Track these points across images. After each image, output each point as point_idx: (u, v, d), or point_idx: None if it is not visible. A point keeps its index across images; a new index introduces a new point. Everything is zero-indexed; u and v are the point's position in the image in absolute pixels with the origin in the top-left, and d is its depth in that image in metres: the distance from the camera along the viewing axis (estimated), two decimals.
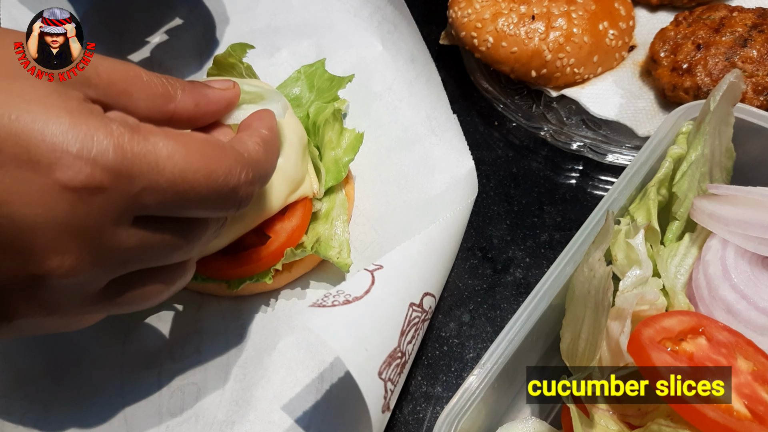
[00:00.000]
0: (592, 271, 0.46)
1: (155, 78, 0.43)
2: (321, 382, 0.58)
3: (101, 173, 0.36)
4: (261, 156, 0.45)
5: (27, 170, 0.34)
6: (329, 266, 0.66)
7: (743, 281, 0.53)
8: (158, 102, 0.43)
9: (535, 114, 0.77)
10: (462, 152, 0.70)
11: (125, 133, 0.37)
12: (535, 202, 0.73)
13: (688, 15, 0.77)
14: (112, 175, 0.36)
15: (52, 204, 0.35)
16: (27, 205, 0.34)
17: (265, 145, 0.46)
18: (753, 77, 0.69)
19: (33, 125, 0.34)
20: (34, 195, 0.34)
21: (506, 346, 0.48)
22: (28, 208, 0.34)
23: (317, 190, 0.63)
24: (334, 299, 0.48)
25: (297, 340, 0.60)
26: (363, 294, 0.49)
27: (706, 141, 0.57)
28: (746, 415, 0.43)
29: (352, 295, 0.49)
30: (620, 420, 0.48)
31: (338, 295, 0.49)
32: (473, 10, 0.77)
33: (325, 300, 0.48)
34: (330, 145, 0.65)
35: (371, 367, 0.48)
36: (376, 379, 0.48)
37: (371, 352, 0.48)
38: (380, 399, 0.49)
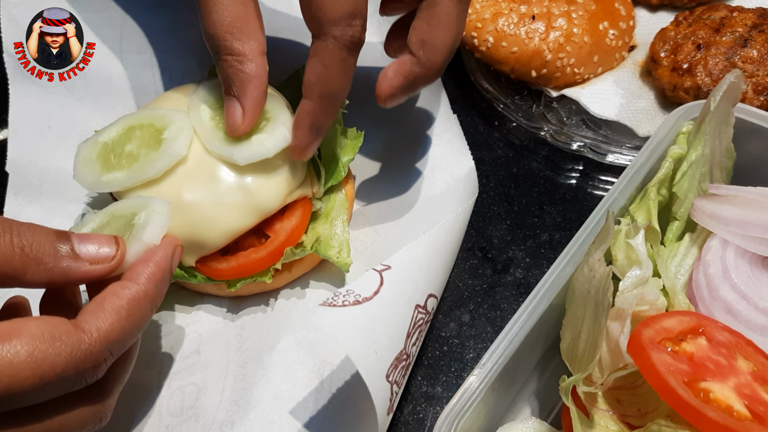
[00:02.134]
0: (592, 271, 0.46)
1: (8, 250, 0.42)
2: (321, 382, 0.58)
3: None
4: (115, 331, 0.44)
5: None
6: (329, 266, 0.66)
7: (743, 281, 0.53)
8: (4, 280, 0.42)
9: (535, 114, 0.77)
10: (462, 152, 0.70)
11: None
12: (535, 202, 0.73)
13: (688, 15, 0.77)
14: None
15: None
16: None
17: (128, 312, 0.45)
18: (753, 77, 0.69)
19: None
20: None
21: (506, 346, 0.48)
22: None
23: (317, 189, 0.63)
24: (345, 299, 0.48)
25: (297, 340, 0.60)
26: (372, 295, 0.49)
27: (706, 141, 0.57)
28: (746, 415, 0.43)
29: (362, 295, 0.49)
30: (620, 420, 0.48)
31: (348, 294, 0.48)
32: (473, 10, 0.77)
33: (335, 299, 0.48)
34: (329, 145, 0.65)
35: (380, 369, 0.48)
36: (383, 381, 0.48)
37: (380, 354, 0.48)
38: (386, 401, 0.49)
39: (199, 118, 0.59)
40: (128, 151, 0.58)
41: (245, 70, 0.54)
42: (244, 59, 0.54)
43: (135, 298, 0.45)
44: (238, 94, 0.55)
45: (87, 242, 0.46)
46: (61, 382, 0.41)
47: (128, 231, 0.51)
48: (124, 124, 0.60)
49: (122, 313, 0.44)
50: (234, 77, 0.55)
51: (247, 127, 0.56)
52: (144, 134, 0.59)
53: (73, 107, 0.74)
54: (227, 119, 0.56)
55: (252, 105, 0.55)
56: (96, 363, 0.43)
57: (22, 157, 0.71)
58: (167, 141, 0.57)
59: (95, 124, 0.70)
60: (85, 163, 0.59)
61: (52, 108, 0.74)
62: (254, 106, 0.56)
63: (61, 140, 0.72)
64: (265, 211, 0.58)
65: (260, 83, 0.55)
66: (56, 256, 0.44)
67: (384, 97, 0.58)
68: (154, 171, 0.56)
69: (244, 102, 0.55)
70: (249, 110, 0.55)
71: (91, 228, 0.55)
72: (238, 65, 0.54)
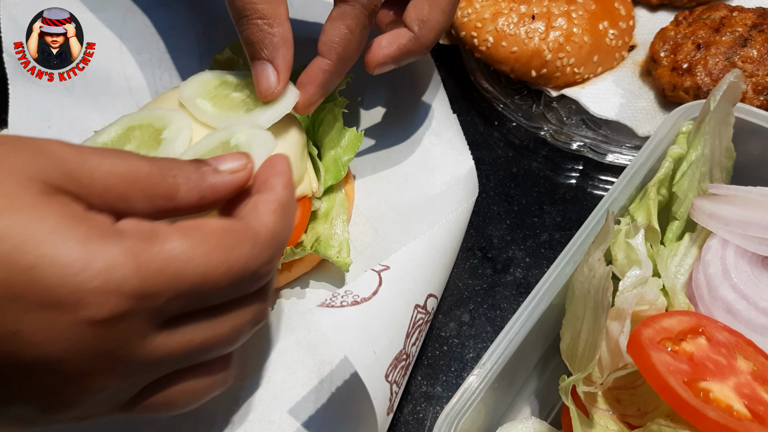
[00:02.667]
0: (592, 271, 0.46)
1: (156, 175, 0.41)
2: (321, 382, 0.58)
3: (126, 301, 0.36)
4: (278, 228, 0.44)
5: (52, 312, 0.34)
6: (329, 266, 0.66)
7: (743, 281, 0.53)
8: (158, 203, 0.41)
9: (535, 114, 0.77)
10: (462, 152, 0.70)
11: (142, 250, 0.36)
12: (535, 202, 0.73)
13: (688, 15, 0.77)
14: (136, 299, 0.36)
15: (79, 338, 0.35)
16: (55, 342, 0.35)
17: (283, 213, 0.44)
18: (753, 77, 0.69)
19: (50, 270, 0.34)
20: (61, 333, 0.35)
21: (506, 346, 0.48)
22: (57, 344, 0.35)
23: (316, 188, 0.63)
24: (343, 299, 0.48)
25: (297, 340, 0.60)
26: (371, 295, 0.49)
27: (706, 141, 0.57)
28: (746, 415, 0.43)
29: (360, 296, 0.49)
30: (620, 420, 0.48)
31: (347, 295, 0.48)
32: (473, 9, 0.77)
33: (333, 300, 0.48)
34: (329, 144, 0.65)
35: (378, 369, 0.48)
36: (383, 381, 0.48)
37: (379, 354, 0.48)
38: (386, 401, 0.49)
39: (202, 112, 0.59)
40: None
41: (276, 33, 0.56)
42: (274, 22, 0.56)
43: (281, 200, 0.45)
44: (271, 56, 0.56)
45: (219, 159, 0.46)
46: (244, 275, 0.41)
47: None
48: (123, 125, 0.60)
49: (279, 213, 0.44)
50: (266, 41, 0.56)
51: (281, 90, 0.57)
52: (143, 134, 0.59)
53: (73, 107, 0.74)
54: (261, 84, 0.57)
55: (285, 67, 0.57)
56: (271, 257, 0.43)
57: None
58: (166, 141, 0.57)
59: (95, 124, 0.70)
60: None
61: (52, 108, 0.74)
62: (287, 68, 0.57)
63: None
64: None
65: (290, 46, 0.57)
66: (200, 173, 0.43)
67: (375, 64, 0.61)
68: None
69: (278, 64, 0.57)
70: (283, 72, 0.57)
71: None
72: (269, 28, 0.56)
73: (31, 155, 0.37)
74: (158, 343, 0.39)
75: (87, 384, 0.37)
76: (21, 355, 0.35)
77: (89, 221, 0.37)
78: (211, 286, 0.39)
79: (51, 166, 0.37)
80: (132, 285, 0.36)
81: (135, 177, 0.40)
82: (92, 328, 0.35)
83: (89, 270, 0.35)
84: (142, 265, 0.36)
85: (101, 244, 0.35)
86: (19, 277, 0.34)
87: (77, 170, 0.38)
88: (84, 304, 0.35)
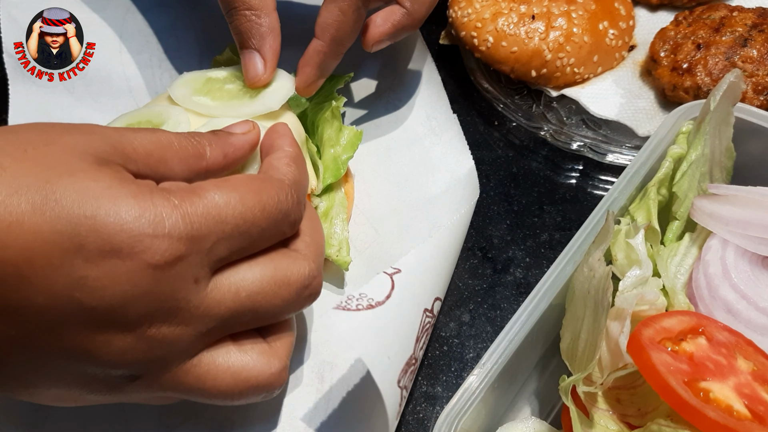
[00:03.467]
0: (592, 271, 0.46)
1: (185, 140, 0.47)
2: (321, 382, 0.58)
3: (177, 244, 0.40)
4: (296, 175, 0.49)
5: (112, 258, 0.38)
6: (328, 264, 0.65)
7: (743, 281, 0.53)
8: (192, 163, 0.47)
9: (535, 114, 0.77)
10: (462, 152, 0.69)
11: (185, 200, 0.41)
12: (535, 202, 0.73)
13: (688, 15, 0.77)
14: (187, 242, 0.40)
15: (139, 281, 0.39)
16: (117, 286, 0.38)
17: (295, 162, 0.50)
18: (753, 77, 0.69)
19: (108, 218, 0.38)
20: (122, 277, 0.38)
21: (506, 346, 0.48)
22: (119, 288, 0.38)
23: (315, 186, 0.63)
24: (358, 303, 0.48)
25: (297, 340, 0.60)
26: (385, 299, 0.49)
27: (706, 141, 0.57)
28: (746, 415, 0.43)
29: (374, 299, 0.49)
30: (620, 420, 0.48)
31: (361, 298, 0.48)
32: (473, 9, 0.77)
33: (349, 303, 0.48)
34: (329, 143, 0.65)
35: (391, 375, 0.48)
36: (395, 387, 0.48)
37: (392, 360, 0.48)
38: (396, 407, 0.49)
39: (203, 106, 0.59)
40: None
41: (263, 23, 0.60)
42: (261, 13, 0.59)
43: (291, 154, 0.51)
44: (258, 46, 0.60)
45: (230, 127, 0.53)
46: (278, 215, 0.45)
47: None
48: (122, 123, 0.60)
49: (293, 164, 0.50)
50: (253, 30, 0.60)
51: (268, 77, 0.61)
52: None
53: (73, 107, 0.74)
54: (248, 71, 0.61)
55: (272, 55, 0.61)
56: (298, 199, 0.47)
57: None
58: None
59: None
60: None
61: (52, 108, 0.74)
62: (273, 57, 0.61)
63: None
64: None
65: (277, 36, 0.61)
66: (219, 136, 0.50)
67: (372, 42, 0.64)
68: None
69: (265, 52, 0.60)
70: (269, 60, 0.61)
71: None
72: (257, 19, 0.59)
73: (80, 134, 0.42)
74: (212, 288, 0.42)
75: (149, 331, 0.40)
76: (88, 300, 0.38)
77: (138, 183, 0.41)
78: (250, 224, 0.43)
79: (99, 142, 0.42)
80: (181, 229, 0.40)
81: (168, 143, 0.45)
82: (150, 272, 0.39)
83: (143, 219, 0.39)
84: (187, 213, 0.40)
85: (151, 198, 0.40)
86: (80, 227, 0.37)
87: (119, 142, 0.43)
88: (140, 249, 0.38)
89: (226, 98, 0.61)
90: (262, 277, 0.44)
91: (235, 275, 0.44)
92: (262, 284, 0.44)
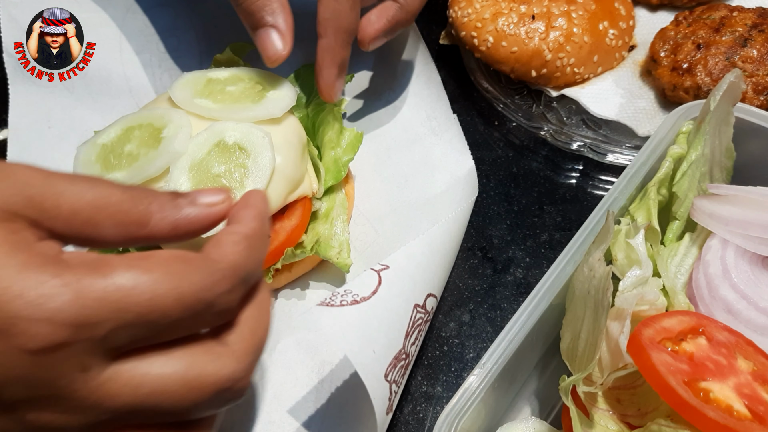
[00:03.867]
0: (592, 271, 0.46)
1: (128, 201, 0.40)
2: (321, 382, 0.58)
3: (60, 330, 0.34)
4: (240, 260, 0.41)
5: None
6: (329, 266, 0.66)
7: (743, 281, 0.53)
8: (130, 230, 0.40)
9: (535, 114, 0.77)
10: (462, 152, 0.70)
11: (83, 279, 0.35)
12: (535, 202, 0.73)
13: (688, 15, 0.77)
14: (72, 329, 0.35)
15: (12, 365, 0.34)
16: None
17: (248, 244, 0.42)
18: (753, 77, 0.69)
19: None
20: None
21: (506, 346, 0.48)
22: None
23: (317, 189, 0.63)
24: (342, 299, 0.48)
25: (297, 340, 0.60)
26: (370, 294, 0.49)
27: (706, 141, 0.57)
28: (746, 415, 0.43)
29: (359, 295, 0.49)
30: (620, 420, 0.48)
31: (346, 294, 0.49)
32: (473, 9, 0.77)
33: (333, 299, 0.48)
34: (329, 145, 0.65)
35: (378, 368, 0.48)
36: (382, 381, 0.48)
37: (378, 353, 0.48)
38: (385, 401, 0.49)
39: (205, 109, 0.59)
40: (128, 152, 0.58)
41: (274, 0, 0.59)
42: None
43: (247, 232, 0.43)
44: (274, 21, 0.59)
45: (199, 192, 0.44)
46: (198, 304, 0.38)
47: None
48: (123, 125, 0.60)
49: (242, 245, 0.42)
50: (266, 8, 0.59)
51: (287, 54, 0.60)
52: (143, 134, 0.59)
53: (73, 107, 0.74)
54: (267, 49, 0.60)
55: (288, 29, 0.60)
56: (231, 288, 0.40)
57: (22, 157, 0.71)
58: (166, 139, 0.57)
59: (95, 124, 0.70)
60: (84, 165, 0.59)
61: (52, 108, 0.74)
62: (290, 31, 0.60)
63: (61, 140, 0.72)
64: None
65: (289, 12, 0.60)
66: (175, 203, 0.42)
67: (369, 39, 0.64)
68: (154, 169, 0.56)
69: (281, 27, 0.60)
70: (286, 34, 0.60)
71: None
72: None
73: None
74: (106, 378, 0.37)
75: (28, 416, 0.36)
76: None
77: (32, 250, 0.36)
78: (159, 315, 0.37)
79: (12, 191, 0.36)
80: (68, 314, 0.34)
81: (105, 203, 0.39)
82: (28, 357, 0.34)
83: (23, 298, 0.34)
84: (80, 294, 0.35)
85: (39, 273, 0.35)
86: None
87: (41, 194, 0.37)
88: (15, 332, 0.34)
89: (228, 101, 0.61)
90: (170, 374, 0.38)
91: (137, 367, 0.37)
92: (169, 383, 0.38)
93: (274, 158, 0.58)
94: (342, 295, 0.48)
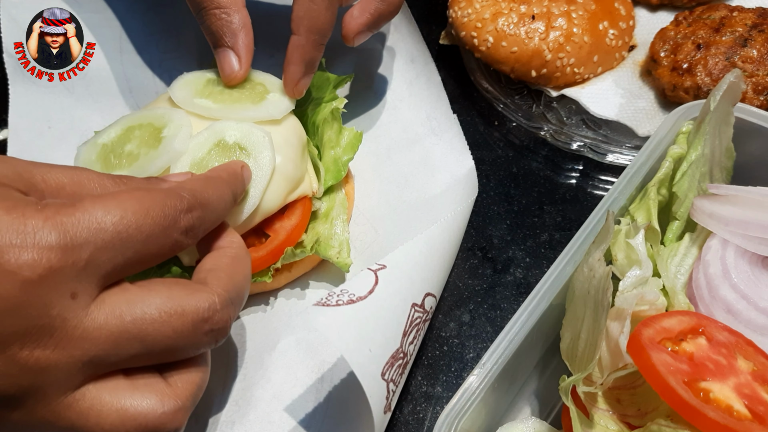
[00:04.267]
0: (592, 271, 0.46)
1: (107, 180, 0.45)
2: (321, 382, 0.58)
3: (48, 254, 0.37)
4: (198, 185, 0.47)
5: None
6: (329, 266, 0.66)
7: (743, 281, 0.53)
8: None
9: (535, 114, 0.77)
10: (462, 152, 0.70)
11: (60, 212, 0.39)
12: (535, 202, 0.73)
13: (688, 15, 0.77)
14: (59, 252, 0.38)
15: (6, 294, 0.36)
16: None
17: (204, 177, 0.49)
18: (753, 77, 0.69)
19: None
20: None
21: (506, 346, 0.48)
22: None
23: (317, 188, 0.63)
24: (338, 298, 0.48)
25: (297, 340, 0.60)
26: (367, 294, 0.49)
27: (706, 141, 0.57)
28: (746, 415, 0.43)
29: (356, 294, 0.49)
30: (620, 420, 0.48)
31: (342, 294, 0.49)
32: (473, 9, 0.77)
33: (329, 299, 0.48)
34: (329, 145, 0.65)
35: (374, 367, 0.48)
36: (378, 379, 0.48)
37: (374, 352, 0.48)
38: (382, 400, 0.49)
39: (206, 109, 0.59)
40: (128, 151, 0.58)
41: (234, 21, 0.60)
42: (231, 11, 0.60)
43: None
44: (232, 43, 0.60)
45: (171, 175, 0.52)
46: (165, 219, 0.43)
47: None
48: (123, 125, 0.60)
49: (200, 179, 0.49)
50: (225, 29, 0.60)
51: (244, 74, 0.61)
52: (143, 133, 0.59)
53: (73, 107, 0.74)
54: (224, 69, 0.61)
55: (246, 51, 0.61)
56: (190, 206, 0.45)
57: (21, 156, 0.71)
58: (167, 139, 0.57)
59: (95, 124, 0.70)
60: (85, 164, 0.59)
61: (52, 108, 0.74)
62: (248, 53, 0.61)
63: (61, 140, 0.72)
64: (266, 210, 0.58)
65: (249, 31, 0.61)
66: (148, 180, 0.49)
67: (353, 35, 0.64)
68: (155, 168, 0.56)
69: (239, 49, 0.60)
70: (244, 56, 0.61)
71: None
72: (227, 17, 0.59)
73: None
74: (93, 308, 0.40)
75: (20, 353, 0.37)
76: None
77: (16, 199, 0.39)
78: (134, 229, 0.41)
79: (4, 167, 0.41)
80: (52, 239, 0.38)
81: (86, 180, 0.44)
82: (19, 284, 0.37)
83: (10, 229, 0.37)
84: (60, 221, 0.38)
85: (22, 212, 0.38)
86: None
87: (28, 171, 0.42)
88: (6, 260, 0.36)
89: (228, 101, 0.61)
90: (151, 303, 0.41)
91: (120, 296, 0.41)
92: (151, 310, 0.41)
93: (274, 158, 0.58)
94: (338, 294, 0.48)
